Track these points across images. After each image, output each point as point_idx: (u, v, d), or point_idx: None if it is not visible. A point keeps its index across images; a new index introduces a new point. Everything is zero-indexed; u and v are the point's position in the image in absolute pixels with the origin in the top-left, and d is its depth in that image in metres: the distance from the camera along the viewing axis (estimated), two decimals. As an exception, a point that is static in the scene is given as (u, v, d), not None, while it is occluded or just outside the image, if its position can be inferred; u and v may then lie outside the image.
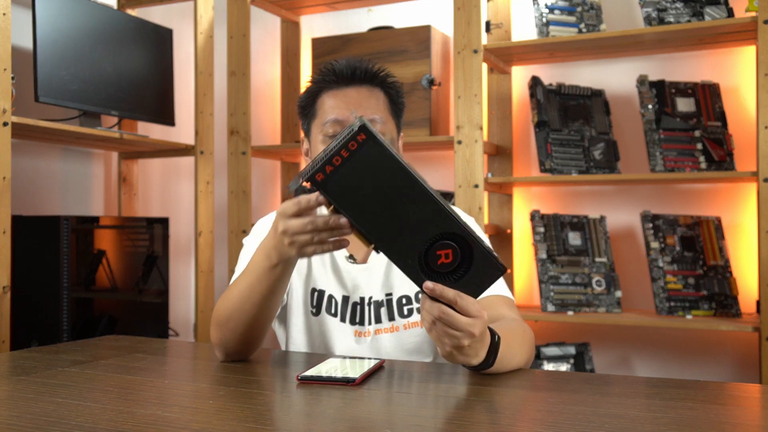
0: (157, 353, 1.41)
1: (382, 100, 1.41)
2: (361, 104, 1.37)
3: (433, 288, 1.01)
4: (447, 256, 1.01)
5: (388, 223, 0.99)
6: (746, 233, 2.43)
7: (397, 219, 0.99)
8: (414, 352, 1.41)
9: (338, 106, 1.37)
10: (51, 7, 2.42)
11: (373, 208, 0.99)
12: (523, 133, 2.73)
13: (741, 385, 1.17)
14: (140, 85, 2.76)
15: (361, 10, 2.94)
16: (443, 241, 1.01)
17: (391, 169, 0.98)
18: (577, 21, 2.46)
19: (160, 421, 0.90)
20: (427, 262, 1.01)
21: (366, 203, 0.98)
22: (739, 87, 2.46)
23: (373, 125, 1.35)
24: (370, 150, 0.96)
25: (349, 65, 1.39)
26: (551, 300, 2.41)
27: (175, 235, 3.10)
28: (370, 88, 1.40)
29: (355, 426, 0.91)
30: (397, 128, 1.45)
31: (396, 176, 0.98)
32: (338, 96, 1.38)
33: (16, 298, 2.23)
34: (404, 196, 0.98)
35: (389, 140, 1.39)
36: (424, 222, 1.00)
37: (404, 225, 1.00)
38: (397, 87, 1.44)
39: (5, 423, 0.90)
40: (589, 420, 0.91)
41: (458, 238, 1.01)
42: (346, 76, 1.39)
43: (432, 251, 1.01)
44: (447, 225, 1.01)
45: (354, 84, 1.39)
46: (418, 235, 1.00)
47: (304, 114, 1.45)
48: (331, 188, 0.97)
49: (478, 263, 1.02)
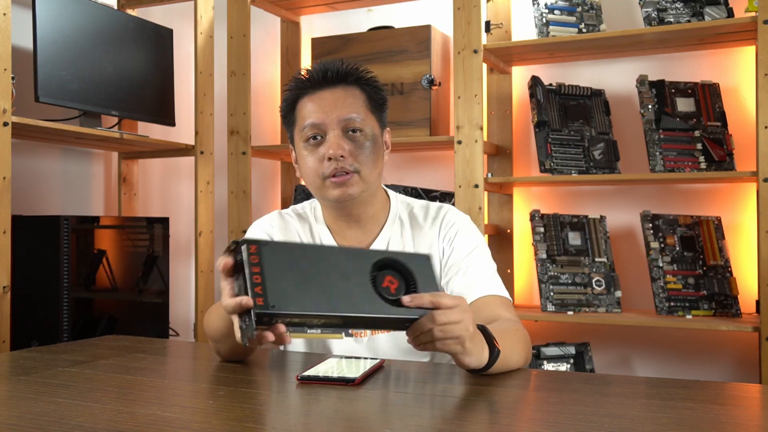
0: (157, 353, 1.41)
1: (359, 97, 1.39)
2: (337, 104, 1.36)
3: (410, 299, 1.04)
4: (392, 282, 1.05)
5: (335, 295, 1.00)
6: (746, 233, 2.43)
7: (339, 285, 1.01)
8: (411, 353, 1.41)
9: (315, 110, 1.36)
10: (51, 7, 2.42)
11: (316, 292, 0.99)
12: (523, 133, 2.73)
13: (741, 385, 1.17)
14: (140, 85, 2.76)
15: (361, 10, 2.94)
16: (375, 274, 1.04)
17: (295, 250, 1.02)
18: (577, 21, 2.46)
19: (160, 421, 0.90)
20: (384, 297, 1.04)
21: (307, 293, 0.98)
22: (739, 87, 2.46)
23: (349, 124, 1.36)
24: (267, 248, 0.97)
25: (321, 67, 1.38)
26: (551, 300, 2.41)
27: (175, 235, 3.10)
28: (345, 87, 1.38)
29: (354, 426, 0.91)
30: (380, 123, 1.42)
31: (304, 252, 1.02)
32: (314, 99, 1.37)
33: (16, 298, 2.23)
34: (325, 262, 1.01)
35: (371, 135, 1.38)
36: (355, 273, 1.02)
37: (347, 287, 1.01)
38: (373, 83, 1.42)
39: (5, 423, 0.90)
40: (589, 420, 0.91)
41: (380, 264, 1.05)
42: (319, 79, 1.38)
43: (379, 286, 1.04)
44: (368, 260, 1.04)
45: (328, 86, 1.38)
46: (361, 288, 1.02)
47: (287, 123, 1.44)
48: (275, 301, 0.95)
49: (413, 266, 1.07)
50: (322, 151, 1.35)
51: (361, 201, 1.39)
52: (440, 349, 1.06)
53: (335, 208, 1.42)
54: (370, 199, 1.42)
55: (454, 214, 1.47)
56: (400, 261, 1.06)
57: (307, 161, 1.37)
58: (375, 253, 1.06)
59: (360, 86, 1.40)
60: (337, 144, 1.34)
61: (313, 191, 1.41)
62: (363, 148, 1.36)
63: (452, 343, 1.05)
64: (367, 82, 1.41)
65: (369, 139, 1.37)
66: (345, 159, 1.34)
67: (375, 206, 1.44)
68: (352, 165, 1.35)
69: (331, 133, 1.35)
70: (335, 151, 1.33)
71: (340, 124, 1.35)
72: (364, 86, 1.40)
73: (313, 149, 1.36)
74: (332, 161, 1.34)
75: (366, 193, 1.38)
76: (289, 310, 0.95)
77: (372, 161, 1.37)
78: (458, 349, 1.06)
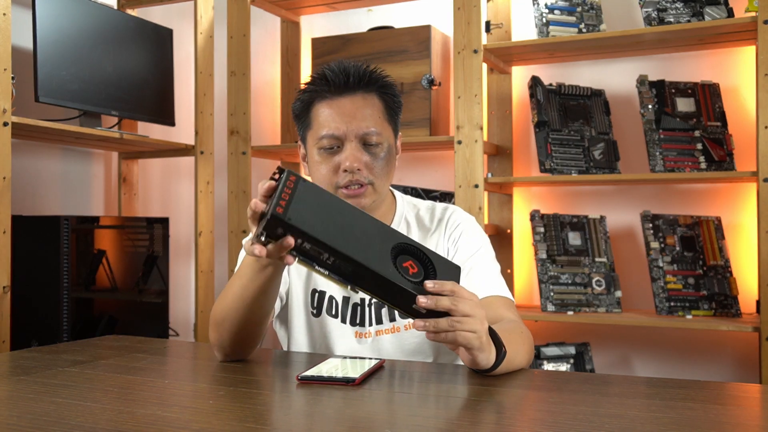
0: (157, 353, 1.41)
1: (377, 107, 1.36)
2: (356, 115, 1.33)
3: (433, 285, 1.03)
4: (413, 266, 1.05)
5: (352, 241, 1.01)
6: (746, 233, 2.43)
7: (358, 236, 1.02)
8: (415, 353, 1.41)
9: (333, 119, 1.34)
10: (51, 7, 2.42)
11: (334, 229, 1.00)
12: (523, 133, 2.73)
13: (741, 385, 1.17)
14: (140, 85, 2.76)
15: (361, 10, 2.94)
16: (401, 255, 1.04)
17: (329, 198, 1.03)
18: (577, 21, 2.46)
19: (160, 421, 0.90)
20: (401, 273, 1.03)
21: (325, 226, 1.00)
22: (739, 87, 2.46)
23: (368, 138, 1.35)
24: (305, 184, 1.01)
25: (342, 71, 1.35)
26: (551, 300, 2.41)
27: (175, 235, 3.10)
28: (365, 95, 1.35)
29: (355, 426, 0.91)
30: (394, 131, 1.41)
31: (334, 203, 1.03)
32: (332, 106, 1.34)
33: (16, 298, 2.23)
34: (351, 217, 1.02)
35: (387, 147, 1.37)
36: (379, 238, 1.03)
37: (366, 241, 1.02)
38: (392, 88, 1.40)
39: (5, 423, 0.90)
40: (589, 420, 0.91)
41: (411, 249, 1.05)
42: (340, 84, 1.35)
43: (399, 264, 1.04)
44: (395, 239, 1.04)
45: (348, 92, 1.35)
46: (381, 249, 1.02)
47: (299, 121, 1.41)
48: (293, 215, 0.99)
49: (439, 266, 1.06)
50: (337, 160, 1.34)
51: (371, 209, 1.39)
52: (459, 341, 1.05)
53: None
54: (378, 205, 1.42)
55: (459, 215, 1.47)
56: (426, 254, 1.05)
57: (320, 168, 1.36)
58: (407, 238, 1.06)
59: (379, 93, 1.38)
60: (354, 157, 1.32)
61: None
62: (378, 160, 1.35)
63: (472, 337, 1.05)
64: (387, 89, 1.39)
65: (384, 150, 1.36)
66: (360, 172, 1.33)
67: (382, 209, 1.44)
68: (367, 177, 1.34)
69: (349, 144, 1.33)
70: (352, 163, 1.32)
71: (359, 136, 1.33)
72: (382, 94, 1.38)
73: (328, 157, 1.35)
74: (347, 173, 1.33)
75: (377, 202, 1.39)
76: (303, 228, 0.98)
77: (386, 173, 1.37)
78: (476, 344, 1.06)
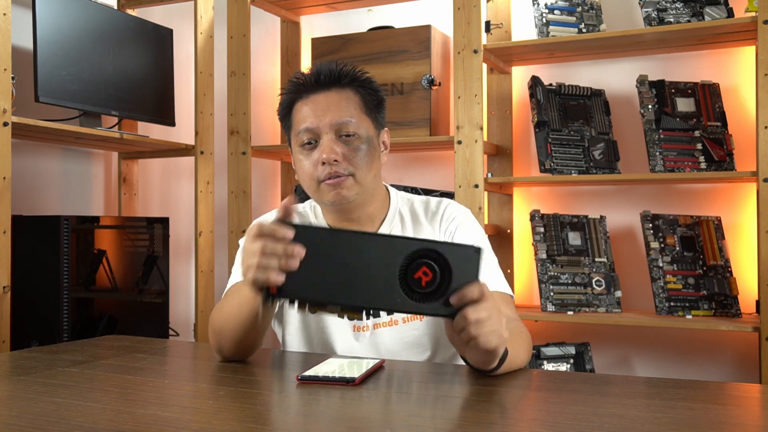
0: (157, 353, 1.41)
1: (352, 100, 1.38)
2: (330, 108, 1.36)
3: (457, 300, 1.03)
4: (426, 274, 1.02)
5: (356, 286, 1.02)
6: (746, 233, 2.43)
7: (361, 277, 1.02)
8: (414, 346, 1.41)
9: (308, 114, 1.37)
10: (51, 7, 2.42)
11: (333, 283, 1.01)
12: (523, 133, 2.73)
13: (741, 385, 1.17)
14: (140, 85, 2.76)
15: (361, 10, 2.94)
16: (412, 264, 1.02)
17: (326, 237, 1.03)
18: (577, 21, 2.46)
19: (160, 421, 0.90)
20: (411, 289, 1.02)
21: (324, 283, 1.01)
22: (739, 87, 2.46)
23: (343, 128, 1.36)
24: (302, 234, 1.00)
25: (315, 70, 1.39)
26: (551, 300, 2.41)
27: (175, 235, 3.10)
28: (339, 90, 1.38)
29: (354, 426, 0.91)
30: (375, 125, 1.41)
31: (332, 239, 1.03)
32: (308, 103, 1.38)
33: (16, 298, 2.23)
34: (352, 251, 1.02)
35: (365, 138, 1.37)
36: (384, 267, 1.02)
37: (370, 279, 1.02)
38: (368, 84, 1.42)
39: (5, 423, 0.90)
40: (589, 420, 0.91)
41: (422, 252, 1.02)
42: (312, 83, 1.38)
43: (409, 280, 1.02)
44: (403, 252, 1.02)
45: (321, 89, 1.38)
46: (387, 279, 1.02)
47: (284, 125, 1.45)
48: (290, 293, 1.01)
49: (454, 260, 1.03)
50: (316, 156, 1.36)
51: (358, 203, 1.39)
52: (483, 345, 1.05)
53: (333, 211, 1.43)
54: (368, 200, 1.42)
55: (454, 208, 1.47)
56: (438, 251, 1.03)
57: (303, 165, 1.38)
58: (414, 242, 1.04)
59: (354, 88, 1.39)
60: (330, 148, 1.34)
61: (310, 194, 1.41)
62: (357, 151, 1.36)
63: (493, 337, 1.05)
64: (362, 84, 1.41)
65: (363, 142, 1.37)
66: (339, 163, 1.34)
67: (373, 205, 1.44)
68: (346, 169, 1.35)
69: (325, 137, 1.35)
70: (328, 155, 1.33)
71: (333, 128, 1.35)
72: (358, 88, 1.40)
73: (308, 153, 1.37)
74: (326, 165, 1.34)
75: (362, 195, 1.38)
76: (301, 297, 1.02)
77: (367, 164, 1.37)
78: (499, 342, 1.06)
